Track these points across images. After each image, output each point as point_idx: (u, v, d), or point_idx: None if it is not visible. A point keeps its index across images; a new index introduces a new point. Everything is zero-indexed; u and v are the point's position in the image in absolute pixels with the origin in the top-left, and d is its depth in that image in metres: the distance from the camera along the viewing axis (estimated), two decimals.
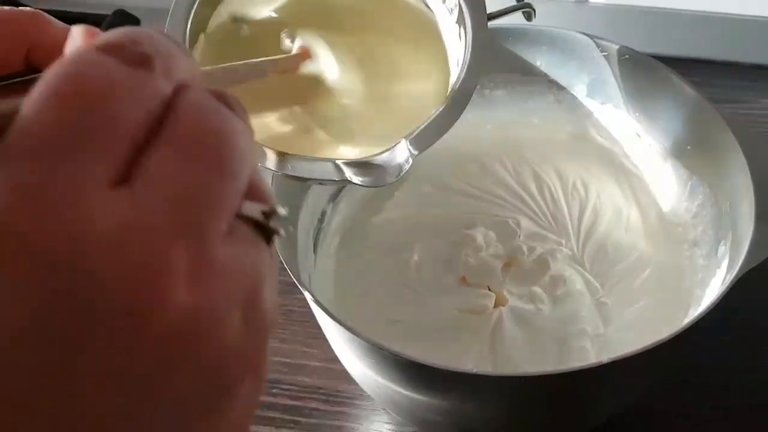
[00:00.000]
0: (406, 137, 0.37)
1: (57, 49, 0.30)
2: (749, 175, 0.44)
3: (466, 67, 0.39)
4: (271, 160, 0.36)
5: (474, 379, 0.39)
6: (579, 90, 0.55)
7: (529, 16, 0.42)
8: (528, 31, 0.52)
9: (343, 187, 0.55)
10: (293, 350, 0.56)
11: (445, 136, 0.54)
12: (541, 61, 0.54)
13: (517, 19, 0.43)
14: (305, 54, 0.38)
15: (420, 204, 0.56)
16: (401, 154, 0.36)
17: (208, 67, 0.32)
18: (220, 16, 0.40)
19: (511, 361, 0.47)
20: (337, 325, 0.40)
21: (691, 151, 0.50)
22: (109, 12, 0.78)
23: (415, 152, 0.37)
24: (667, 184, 0.53)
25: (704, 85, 0.73)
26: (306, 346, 0.57)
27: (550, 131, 0.57)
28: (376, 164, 0.36)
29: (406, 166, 0.36)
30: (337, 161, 0.37)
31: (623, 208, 0.54)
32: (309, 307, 0.57)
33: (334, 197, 0.55)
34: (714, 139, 0.47)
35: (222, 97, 0.19)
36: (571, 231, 0.52)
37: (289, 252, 0.45)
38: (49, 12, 0.35)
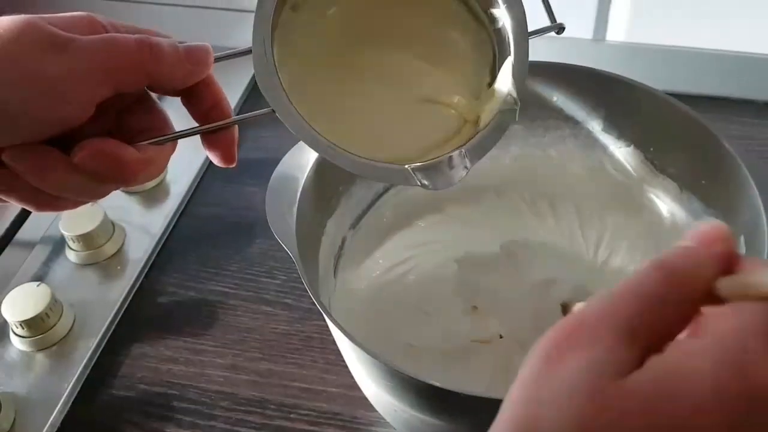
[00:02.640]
0: (462, 147, 0.41)
1: (171, 76, 0.37)
2: (762, 211, 0.44)
3: (510, 79, 0.41)
4: (345, 161, 0.39)
5: (491, 404, 0.39)
6: (594, 125, 0.56)
7: (560, 31, 0.43)
8: (545, 66, 0.53)
9: (364, 214, 0.56)
10: (311, 376, 0.57)
11: None
12: (558, 96, 0.55)
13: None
14: None
15: (437, 234, 0.58)
16: (458, 161, 0.40)
17: None
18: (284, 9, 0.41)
19: None
20: (357, 348, 0.40)
21: (706, 186, 0.51)
22: None
23: (470, 163, 0.41)
24: (681, 218, 0.53)
25: (719, 121, 0.74)
26: (324, 372, 0.57)
27: (566, 165, 0.58)
28: (438, 169, 0.40)
29: (463, 174, 0.40)
30: (405, 166, 0.40)
31: (639, 242, 0.54)
32: (327, 334, 0.59)
33: (354, 224, 0.56)
34: (727, 174, 0.48)
35: None
36: (585, 263, 0.53)
37: (311, 277, 0.46)
38: None
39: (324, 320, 0.57)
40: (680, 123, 0.51)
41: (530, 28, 0.42)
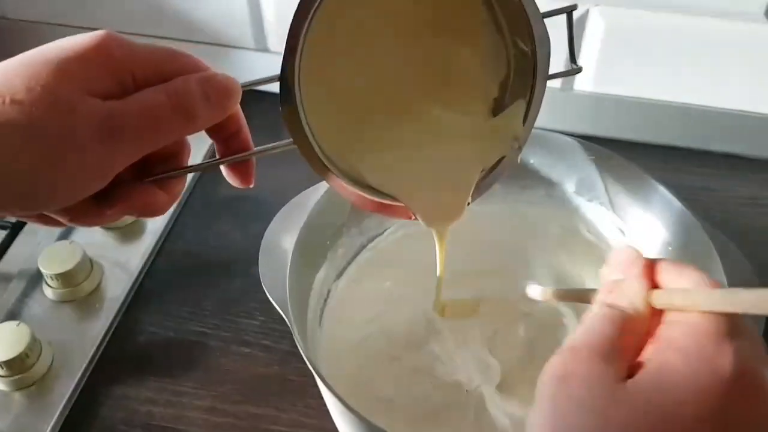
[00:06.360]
0: None
1: (201, 127, 0.37)
2: (724, 279, 0.47)
3: (521, 124, 0.44)
4: (354, 197, 0.42)
5: None
6: (568, 186, 0.59)
7: (578, 72, 0.46)
8: None
9: (348, 265, 0.58)
10: (290, 419, 0.58)
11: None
12: (535, 159, 0.58)
13: None
14: None
15: (414, 287, 0.59)
16: None
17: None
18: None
19: None
20: (350, 413, 0.42)
21: (672, 252, 0.53)
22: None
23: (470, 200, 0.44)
24: None
25: (682, 172, 0.78)
26: (303, 416, 0.59)
27: (542, 224, 0.60)
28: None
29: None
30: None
31: None
32: (306, 377, 0.60)
33: (339, 275, 0.58)
34: (692, 242, 0.51)
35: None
36: (560, 321, 0.55)
37: (302, 335, 0.47)
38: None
39: (303, 364, 0.59)
40: (647, 191, 0.54)
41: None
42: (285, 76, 0.38)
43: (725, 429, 0.28)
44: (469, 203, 0.45)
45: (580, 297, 0.42)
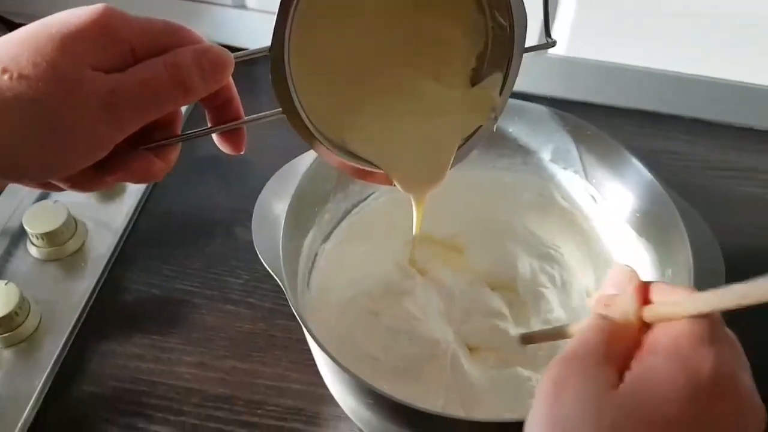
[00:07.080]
0: None
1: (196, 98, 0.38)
2: (689, 247, 0.50)
3: (498, 95, 0.46)
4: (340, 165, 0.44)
5: (446, 422, 0.44)
6: (544, 155, 0.61)
7: (552, 46, 0.47)
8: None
9: (334, 229, 0.61)
10: (276, 374, 0.61)
11: None
12: (513, 128, 0.60)
13: None
14: None
15: (395, 247, 0.62)
16: None
17: None
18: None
19: (475, 396, 0.54)
20: (340, 371, 0.44)
21: (640, 219, 0.56)
22: None
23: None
24: (619, 246, 0.59)
25: (649, 136, 0.81)
26: (288, 370, 0.61)
27: (519, 190, 0.63)
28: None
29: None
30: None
31: (581, 267, 0.61)
32: (290, 334, 0.63)
33: (325, 239, 0.60)
34: (658, 210, 0.54)
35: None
36: (533, 284, 0.59)
37: (294, 297, 0.49)
38: None
39: (287, 320, 0.61)
40: (618, 160, 0.57)
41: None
42: (274, 48, 0.39)
43: (703, 427, 0.31)
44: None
45: (556, 335, 0.46)
